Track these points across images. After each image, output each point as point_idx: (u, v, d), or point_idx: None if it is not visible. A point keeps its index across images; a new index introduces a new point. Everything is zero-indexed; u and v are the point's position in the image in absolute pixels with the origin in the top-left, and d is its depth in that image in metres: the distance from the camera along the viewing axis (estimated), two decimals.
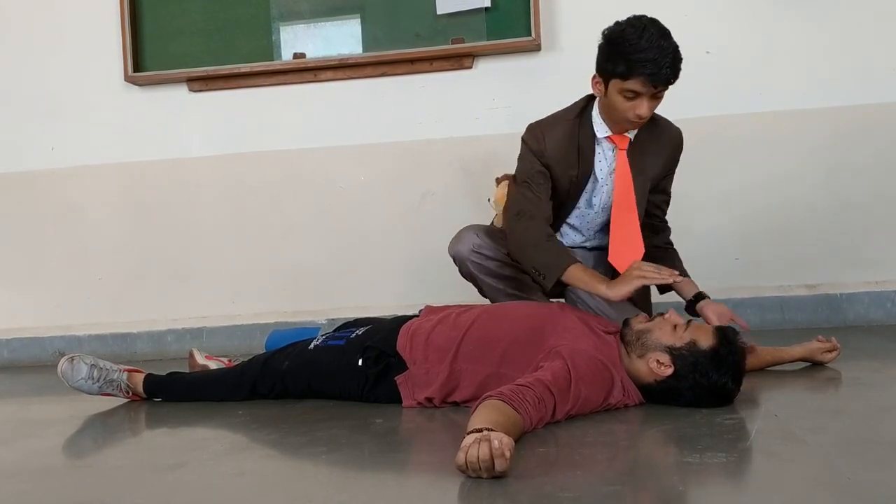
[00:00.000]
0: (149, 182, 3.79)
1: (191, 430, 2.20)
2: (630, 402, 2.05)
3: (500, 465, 1.48)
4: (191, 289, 3.77)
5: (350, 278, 3.68)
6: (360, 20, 3.68)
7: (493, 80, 3.57)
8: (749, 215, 3.46)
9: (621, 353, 2.09)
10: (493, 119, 3.56)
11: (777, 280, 3.45)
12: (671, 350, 2.00)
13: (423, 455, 1.89)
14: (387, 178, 3.66)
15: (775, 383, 2.35)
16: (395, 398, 2.21)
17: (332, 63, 3.63)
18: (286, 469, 1.81)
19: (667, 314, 2.08)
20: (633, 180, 2.50)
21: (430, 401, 2.17)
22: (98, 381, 2.45)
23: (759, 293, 3.43)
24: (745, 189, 3.47)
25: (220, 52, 3.70)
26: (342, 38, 3.71)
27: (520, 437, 1.73)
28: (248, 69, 3.66)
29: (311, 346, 2.38)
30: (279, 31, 3.71)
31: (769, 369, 2.49)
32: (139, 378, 2.52)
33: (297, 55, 3.68)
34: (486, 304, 2.58)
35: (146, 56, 3.75)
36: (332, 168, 3.70)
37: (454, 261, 2.64)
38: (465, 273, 2.64)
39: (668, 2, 3.43)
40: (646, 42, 2.24)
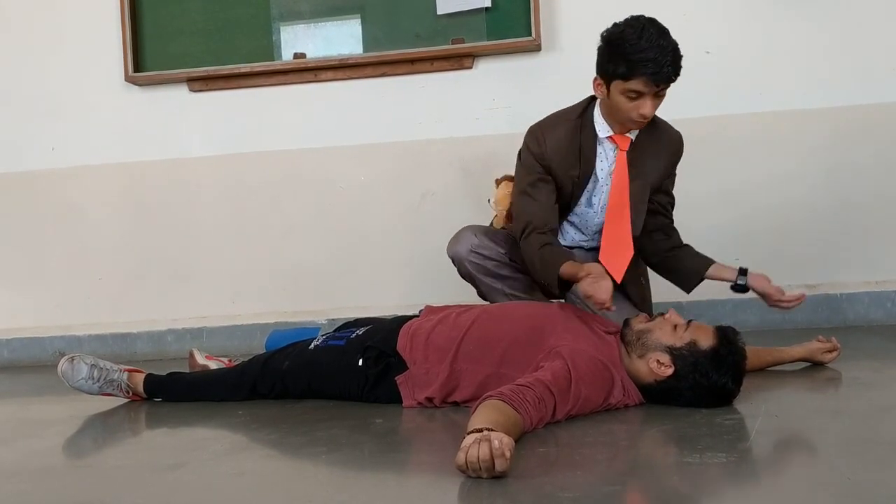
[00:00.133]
0: (149, 182, 3.79)
1: (191, 430, 2.20)
2: (630, 402, 2.05)
3: (500, 466, 1.48)
4: (191, 289, 3.76)
5: (350, 278, 3.68)
6: (360, 20, 3.68)
7: (493, 80, 3.57)
8: (749, 215, 3.45)
9: (621, 353, 2.09)
10: (493, 119, 3.55)
11: (777, 280, 3.40)
12: (671, 350, 2.00)
13: (423, 455, 1.89)
14: (387, 178, 3.66)
15: (775, 383, 2.35)
16: (396, 398, 2.21)
17: (332, 63, 3.63)
18: (286, 469, 1.81)
19: (667, 314, 2.08)
20: (631, 182, 2.50)
21: (430, 401, 2.18)
22: (98, 381, 2.45)
23: None
24: (745, 189, 3.47)
25: (220, 52, 3.70)
26: (342, 38, 3.71)
27: (520, 438, 1.73)
28: (248, 69, 3.66)
29: (312, 346, 2.38)
30: (279, 31, 3.71)
31: (769, 369, 2.49)
32: (139, 378, 2.52)
33: (297, 55, 3.67)
34: (486, 304, 2.58)
35: (146, 56, 3.74)
36: (332, 168, 3.70)
37: (453, 261, 2.64)
38: (464, 273, 2.64)
39: (668, 2, 3.42)
40: (646, 42, 2.24)
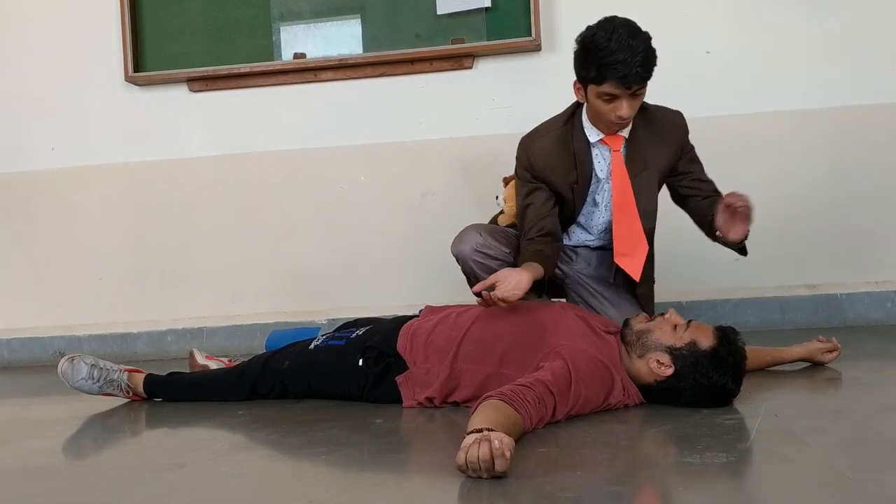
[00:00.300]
0: (149, 182, 3.79)
1: (191, 430, 2.20)
2: (630, 402, 2.05)
3: (500, 466, 1.49)
4: (191, 289, 3.76)
5: (350, 278, 3.68)
6: (360, 20, 3.68)
7: (493, 80, 3.56)
8: None
9: (621, 353, 2.09)
10: (493, 119, 3.55)
11: (777, 280, 3.44)
12: (671, 350, 2.00)
13: (423, 455, 1.89)
14: (387, 178, 3.66)
15: (775, 383, 2.35)
16: (396, 398, 2.21)
17: (332, 63, 3.63)
18: (286, 469, 1.81)
19: (667, 314, 2.08)
20: (637, 176, 2.49)
21: (430, 401, 2.18)
22: (98, 381, 2.46)
23: (759, 293, 3.43)
24: (744, 189, 3.40)
25: (220, 53, 3.70)
26: (342, 38, 3.71)
27: (520, 438, 1.73)
28: (248, 69, 3.65)
29: (312, 346, 2.39)
30: (279, 32, 3.71)
31: (769, 369, 2.49)
32: (139, 378, 2.52)
33: (297, 55, 3.67)
34: None
35: (146, 56, 3.74)
36: (332, 168, 3.70)
37: (457, 260, 2.63)
38: (468, 272, 2.64)
39: (668, 2, 3.44)
40: (615, 44, 2.22)
